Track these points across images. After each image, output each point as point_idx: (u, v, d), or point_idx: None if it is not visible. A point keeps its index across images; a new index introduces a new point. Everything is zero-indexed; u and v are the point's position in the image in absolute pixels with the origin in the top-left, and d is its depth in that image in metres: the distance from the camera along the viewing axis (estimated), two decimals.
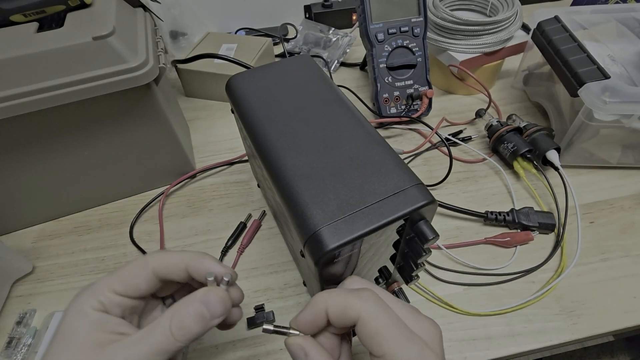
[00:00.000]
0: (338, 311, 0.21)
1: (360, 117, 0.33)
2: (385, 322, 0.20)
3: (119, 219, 0.50)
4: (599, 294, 0.40)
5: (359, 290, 0.21)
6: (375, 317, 0.20)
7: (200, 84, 0.65)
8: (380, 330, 0.19)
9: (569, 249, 0.44)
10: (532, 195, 0.50)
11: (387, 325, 0.20)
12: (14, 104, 0.36)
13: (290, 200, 0.27)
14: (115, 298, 0.22)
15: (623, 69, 0.48)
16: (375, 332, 0.19)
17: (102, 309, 0.22)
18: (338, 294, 0.21)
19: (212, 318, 0.22)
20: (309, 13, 0.82)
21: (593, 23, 0.54)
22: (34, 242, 0.48)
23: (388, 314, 0.20)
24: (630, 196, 0.49)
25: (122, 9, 0.44)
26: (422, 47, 0.57)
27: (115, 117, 0.43)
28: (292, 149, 0.30)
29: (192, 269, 0.24)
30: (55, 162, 0.44)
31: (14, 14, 0.40)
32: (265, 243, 0.47)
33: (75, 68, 0.37)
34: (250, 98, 0.35)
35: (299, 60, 0.39)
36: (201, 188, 0.53)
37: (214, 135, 0.61)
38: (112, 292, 0.22)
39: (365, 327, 0.20)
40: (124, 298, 0.23)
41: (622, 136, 0.47)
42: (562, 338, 0.38)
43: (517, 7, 0.59)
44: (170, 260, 0.24)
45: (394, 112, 0.59)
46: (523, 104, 0.63)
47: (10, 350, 0.38)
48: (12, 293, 0.43)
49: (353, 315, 0.20)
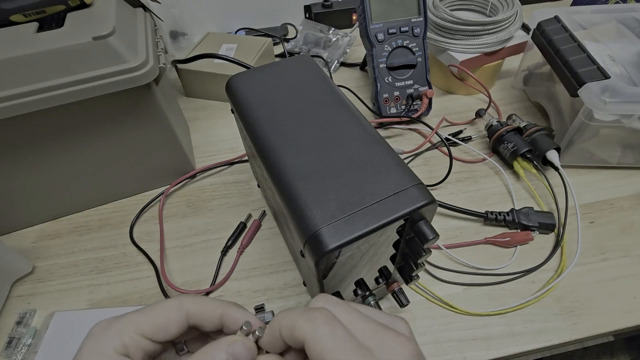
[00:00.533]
0: (287, 333, 0.19)
1: (360, 117, 0.33)
2: (330, 346, 0.18)
3: (119, 219, 0.50)
4: (599, 294, 0.40)
5: (310, 310, 0.20)
6: (318, 340, 0.18)
7: (200, 84, 0.65)
8: (322, 354, 0.18)
9: (569, 249, 0.44)
10: (532, 195, 0.50)
11: (332, 349, 0.18)
12: (14, 104, 0.36)
13: (290, 200, 0.27)
14: (140, 342, 0.21)
15: (623, 69, 0.48)
16: (318, 356, 0.18)
17: (124, 352, 0.20)
18: (288, 315, 0.20)
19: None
20: (309, 13, 0.82)
21: (593, 23, 0.54)
22: (34, 242, 0.48)
23: (335, 335, 0.18)
24: (630, 196, 0.49)
25: (122, 9, 0.44)
26: (422, 47, 0.57)
27: (115, 117, 0.43)
28: (292, 149, 0.30)
29: (228, 317, 0.22)
30: (56, 162, 0.44)
31: (14, 14, 0.40)
32: (265, 243, 0.47)
33: (75, 68, 0.37)
34: (250, 98, 0.35)
35: (299, 60, 0.39)
36: (201, 188, 0.53)
37: (214, 135, 0.61)
38: (139, 335, 0.21)
39: (310, 350, 0.18)
40: (149, 342, 0.21)
41: (622, 136, 0.47)
42: (562, 338, 0.38)
43: (517, 7, 0.59)
44: (208, 306, 0.22)
45: (394, 112, 0.59)
46: (523, 104, 0.63)
47: (10, 350, 0.38)
48: (12, 293, 0.43)
49: (299, 337, 0.19)
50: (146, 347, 0.21)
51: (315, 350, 0.18)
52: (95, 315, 0.40)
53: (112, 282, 0.44)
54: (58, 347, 0.38)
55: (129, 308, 0.40)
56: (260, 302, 0.41)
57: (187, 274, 0.44)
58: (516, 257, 0.43)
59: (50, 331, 0.39)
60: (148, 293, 0.43)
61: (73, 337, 0.38)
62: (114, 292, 0.43)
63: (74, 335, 0.39)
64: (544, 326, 0.38)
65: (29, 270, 0.45)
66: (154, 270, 0.44)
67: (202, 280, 0.44)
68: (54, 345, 0.38)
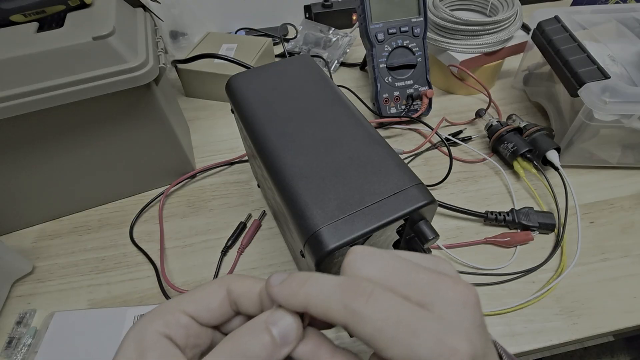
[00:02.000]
0: (321, 314, 0.17)
1: (360, 117, 0.33)
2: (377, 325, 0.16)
3: (119, 219, 0.50)
4: (599, 294, 0.40)
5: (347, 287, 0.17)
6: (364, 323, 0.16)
7: (200, 84, 0.65)
8: (373, 334, 0.16)
9: (569, 249, 0.44)
10: (532, 195, 0.50)
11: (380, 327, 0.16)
12: (14, 104, 0.36)
13: (290, 200, 0.27)
14: (182, 319, 0.19)
15: (623, 69, 0.48)
16: (369, 338, 0.16)
17: (166, 334, 0.19)
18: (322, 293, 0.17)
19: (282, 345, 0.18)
20: (309, 13, 0.82)
21: (593, 23, 0.54)
22: (34, 242, 0.48)
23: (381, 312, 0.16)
24: (630, 196, 0.49)
25: (122, 9, 0.44)
26: (422, 47, 0.57)
27: (115, 117, 0.43)
28: (292, 149, 0.30)
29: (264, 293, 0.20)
30: (55, 162, 0.44)
31: (14, 14, 0.40)
32: (265, 243, 0.47)
33: (75, 68, 0.37)
34: (250, 98, 0.35)
35: (299, 60, 0.39)
36: (201, 188, 0.53)
37: (214, 135, 0.61)
38: (180, 312, 0.20)
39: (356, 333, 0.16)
40: (192, 321, 0.20)
41: (622, 136, 0.47)
42: (562, 338, 0.38)
43: (517, 7, 0.59)
44: (247, 281, 0.21)
45: (394, 112, 0.59)
46: (523, 104, 0.63)
47: (10, 350, 0.38)
48: (12, 293, 0.43)
49: (339, 322, 0.17)
50: (188, 325, 0.19)
51: (364, 336, 0.16)
52: (96, 315, 0.40)
53: (112, 282, 0.44)
54: (58, 347, 0.38)
55: (129, 308, 0.40)
56: None
57: (187, 274, 0.44)
58: (516, 257, 0.43)
59: (50, 331, 0.39)
60: (148, 293, 0.43)
61: (73, 337, 0.38)
62: (114, 292, 0.43)
63: (74, 335, 0.39)
64: (544, 326, 0.38)
65: (29, 270, 0.45)
66: (154, 270, 0.44)
67: (202, 280, 0.44)
68: (54, 345, 0.38)
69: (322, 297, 0.17)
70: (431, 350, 0.15)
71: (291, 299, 0.18)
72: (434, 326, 0.16)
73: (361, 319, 0.16)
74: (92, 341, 0.38)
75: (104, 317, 0.40)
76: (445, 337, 0.16)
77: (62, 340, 0.38)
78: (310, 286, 0.18)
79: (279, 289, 0.18)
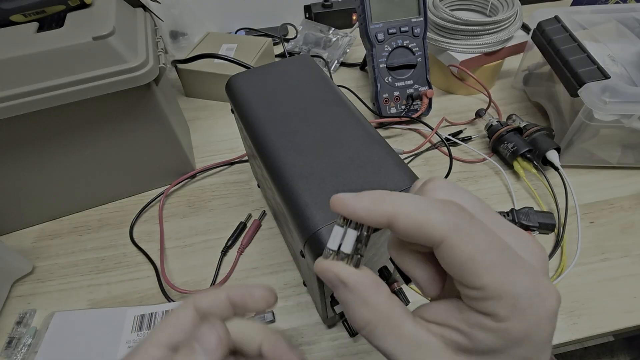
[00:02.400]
0: (412, 226, 0.15)
1: (360, 117, 0.33)
2: (482, 245, 0.14)
3: (119, 219, 0.50)
4: (599, 294, 0.40)
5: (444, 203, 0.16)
6: (467, 240, 0.14)
7: (200, 84, 0.65)
8: (475, 255, 0.14)
9: (569, 249, 0.44)
10: (532, 195, 0.50)
11: (485, 248, 0.14)
12: (14, 104, 0.36)
13: (290, 200, 0.27)
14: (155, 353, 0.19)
15: (623, 69, 0.48)
16: (468, 258, 0.14)
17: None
18: (415, 203, 0.15)
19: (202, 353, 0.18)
20: (309, 13, 0.82)
21: (593, 23, 0.54)
22: (34, 242, 0.48)
23: (485, 234, 0.15)
24: (630, 196, 0.49)
25: (122, 9, 0.44)
26: (422, 47, 0.57)
27: (115, 117, 0.43)
28: (292, 149, 0.30)
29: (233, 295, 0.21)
30: (55, 162, 0.44)
31: (14, 14, 0.40)
32: (265, 243, 0.47)
33: (75, 68, 0.37)
34: (250, 98, 0.35)
35: (299, 60, 0.39)
36: (201, 188, 0.53)
37: (214, 135, 0.61)
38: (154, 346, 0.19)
39: (454, 252, 0.15)
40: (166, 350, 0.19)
41: (622, 136, 0.47)
42: (562, 338, 0.38)
43: (517, 7, 0.59)
44: (210, 294, 0.21)
45: (394, 112, 0.59)
46: (523, 104, 0.63)
47: (10, 350, 0.38)
48: (12, 293, 0.43)
49: (435, 236, 0.15)
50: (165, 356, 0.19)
51: (464, 252, 0.14)
52: (96, 315, 0.40)
53: (112, 282, 0.44)
54: (58, 347, 0.38)
55: (129, 308, 0.40)
56: None
57: (187, 274, 0.44)
58: None
59: (50, 331, 0.39)
60: (148, 293, 0.43)
61: (73, 337, 0.38)
62: (114, 292, 0.43)
63: (74, 335, 0.39)
64: None
65: (29, 270, 0.45)
66: (154, 270, 0.44)
67: (202, 280, 0.44)
68: (54, 345, 0.38)
69: (416, 210, 0.15)
70: (530, 284, 0.14)
71: (374, 207, 0.16)
72: (530, 268, 0.15)
73: (466, 235, 0.15)
74: (92, 341, 0.38)
75: (104, 317, 0.40)
76: (541, 278, 0.15)
77: (62, 340, 0.38)
78: (398, 199, 0.16)
79: (356, 199, 0.16)
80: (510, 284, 0.14)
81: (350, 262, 0.17)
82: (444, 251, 0.15)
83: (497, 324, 0.14)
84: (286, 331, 0.39)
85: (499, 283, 0.14)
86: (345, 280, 0.16)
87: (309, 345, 0.38)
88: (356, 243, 0.17)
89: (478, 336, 0.15)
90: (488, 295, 0.14)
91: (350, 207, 0.16)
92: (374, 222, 0.16)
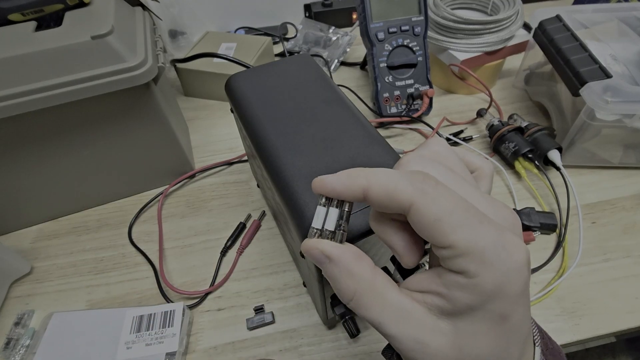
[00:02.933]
0: (383, 195, 0.16)
1: (361, 116, 0.33)
2: (447, 207, 0.15)
3: (118, 219, 0.50)
4: (600, 295, 0.40)
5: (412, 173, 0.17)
6: (432, 203, 0.15)
7: (199, 83, 0.65)
8: (441, 216, 0.15)
9: (570, 250, 0.43)
10: (534, 195, 0.49)
11: (450, 209, 0.15)
12: (11, 104, 0.36)
13: (290, 200, 0.27)
14: None
15: (625, 68, 0.48)
16: (435, 219, 0.15)
17: None
18: (386, 174, 0.17)
19: None
20: (308, 12, 0.82)
21: (595, 22, 0.54)
22: (33, 243, 0.48)
23: (450, 197, 0.16)
24: (632, 196, 0.49)
25: (120, 8, 0.43)
26: (422, 46, 0.57)
27: (114, 117, 0.43)
28: (292, 149, 0.30)
29: None
30: (54, 162, 0.44)
31: (12, 12, 0.40)
32: (265, 243, 0.47)
33: (74, 67, 0.37)
34: (250, 97, 0.35)
35: (298, 59, 0.39)
36: (200, 188, 0.53)
37: (214, 135, 0.60)
38: None
39: (421, 215, 0.15)
40: None
41: (624, 136, 0.47)
42: (563, 339, 0.37)
43: (518, 5, 0.58)
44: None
45: (394, 111, 0.59)
46: (524, 104, 0.63)
47: (9, 351, 0.38)
48: (10, 294, 0.43)
49: (403, 202, 0.16)
50: None
51: (430, 214, 0.15)
52: (94, 316, 0.40)
53: (111, 283, 0.44)
54: (56, 348, 0.38)
55: (128, 309, 0.40)
56: (260, 302, 0.41)
57: (186, 274, 0.44)
58: None
59: (49, 332, 0.39)
60: (147, 294, 0.43)
61: (72, 338, 0.38)
62: (113, 292, 0.43)
63: (72, 336, 0.38)
64: (545, 327, 0.38)
65: (28, 270, 0.45)
66: (153, 271, 0.44)
67: (202, 280, 0.43)
68: (53, 346, 0.38)
69: (386, 179, 0.16)
70: (495, 238, 0.15)
71: (349, 183, 0.17)
72: (496, 224, 0.16)
73: (431, 198, 0.16)
74: (90, 342, 0.38)
75: (102, 318, 0.40)
76: (508, 234, 0.16)
77: (60, 341, 0.38)
78: (370, 171, 0.17)
79: (333, 176, 0.17)
80: (476, 240, 0.15)
81: (335, 239, 0.18)
82: (414, 215, 0.16)
83: (469, 280, 0.15)
84: (286, 332, 0.39)
85: (465, 240, 0.15)
86: (329, 254, 0.17)
87: (309, 346, 0.38)
88: (338, 220, 0.18)
89: (455, 295, 0.16)
90: (457, 252, 0.15)
91: (328, 185, 0.17)
92: (352, 195, 0.17)
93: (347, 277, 0.17)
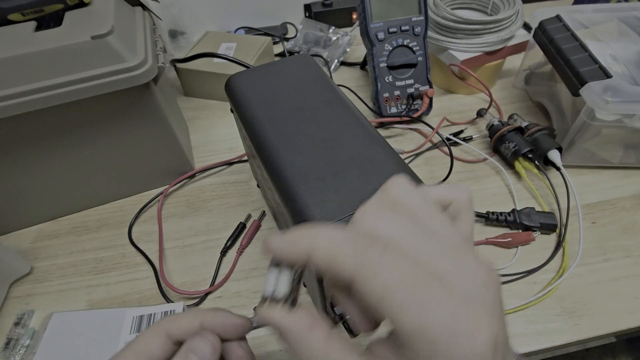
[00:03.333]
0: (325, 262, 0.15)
1: (361, 116, 0.33)
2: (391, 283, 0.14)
3: (118, 219, 0.50)
4: (600, 295, 0.40)
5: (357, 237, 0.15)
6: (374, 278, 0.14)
7: (199, 83, 0.65)
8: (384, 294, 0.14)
9: (570, 250, 0.43)
10: (534, 195, 0.49)
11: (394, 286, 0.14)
12: (11, 104, 0.36)
13: (290, 200, 0.27)
14: None
15: (625, 68, 0.48)
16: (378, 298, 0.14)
17: None
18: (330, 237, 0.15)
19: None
20: (308, 12, 0.82)
21: (595, 22, 0.54)
22: (33, 243, 0.48)
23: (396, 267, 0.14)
24: (632, 196, 0.49)
25: (120, 8, 0.43)
26: (422, 46, 0.57)
27: (113, 117, 0.43)
28: (292, 149, 0.30)
29: (209, 324, 0.21)
30: (54, 162, 0.44)
31: (12, 12, 0.39)
32: None
33: (74, 67, 0.37)
34: (249, 97, 0.35)
35: (298, 59, 0.39)
36: (200, 188, 0.53)
37: (214, 135, 0.60)
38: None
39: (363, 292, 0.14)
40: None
41: (624, 136, 0.47)
42: (563, 339, 0.37)
43: (518, 5, 0.58)
44: (182, 320, 0.20)
45: (394, 111, 0.59)
46: (524, 104, 0.63)
47: (8, 351, 0.38)
48: (10, 294, 0.43)
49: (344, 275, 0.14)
50: None
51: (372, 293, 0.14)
52: (94, 316, 0.40)
53: (111, 283, 0.44)
54: (56, 348, 0.38)
55: (128, 309, 0.40)
56: None
57: (186, 274, 0.44)
58: (517, 257, 0.43)
59: (49, 332, 0.39)
60: (147, 294, 0.43)
61: (71, 338, 0.38)
62: (113, 292, 0.43)
63: (72, 336, 0.38)
64: (545, 327, 0.38)
65: (27, 270, 0.45)
66: (153, 271, 0.44)
67: (202, 280, 0.43)
68: (53, 346, 0.38)
69: (328, 245, 0.15)
70: (447, 323, 0.13)
71: (292, 247, 0.16)
72: (453, 299, 0.14)
73: (373, 273, 0.14)
74: (90, 342, 0.38)
75: (102, 318, 0.40)
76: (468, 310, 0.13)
77: (60, 341, 0.38)
78: (315, 234, 0.16)
79: (278, 239, 0.17)
80: (425, 325, 0.13)
81: (287, 302, 0.17)
82: (356, 290, 0.14)
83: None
84: None
85: (413, 324, 0.13)
86: (278, 327, 0.17)
87: None
88: (291, 283, 0.17)
89: None
90: (407, 334, 0.14)
91: (274, 250, 0.17)
92: (297, 260, 0.16)
93: (299, 347, 0.16)
